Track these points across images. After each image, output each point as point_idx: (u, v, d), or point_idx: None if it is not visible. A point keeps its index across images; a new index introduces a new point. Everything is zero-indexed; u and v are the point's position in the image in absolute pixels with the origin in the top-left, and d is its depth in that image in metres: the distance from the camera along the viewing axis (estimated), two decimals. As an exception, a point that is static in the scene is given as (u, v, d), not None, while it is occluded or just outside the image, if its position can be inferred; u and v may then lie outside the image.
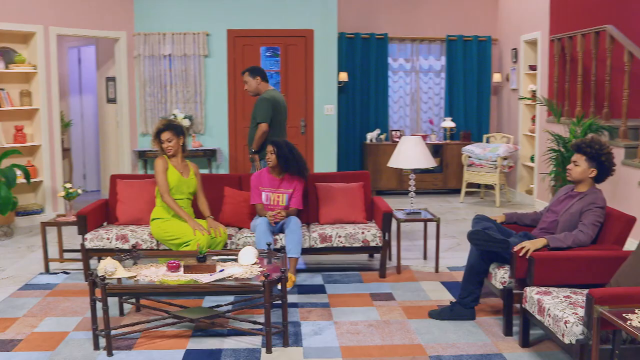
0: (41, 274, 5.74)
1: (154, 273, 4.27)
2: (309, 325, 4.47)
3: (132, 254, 4.70)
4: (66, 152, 9.91)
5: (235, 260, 4.54)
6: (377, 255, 6.02)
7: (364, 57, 9.65)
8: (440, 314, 4.57)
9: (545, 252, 4.03)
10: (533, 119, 8.75)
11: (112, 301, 4.73)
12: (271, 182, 5.65)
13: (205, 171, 8.65)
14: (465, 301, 4.51)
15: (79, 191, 6.00)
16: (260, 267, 4.39)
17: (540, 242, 4.10)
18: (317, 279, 5.55)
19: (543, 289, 3.86)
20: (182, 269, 4.30)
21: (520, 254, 4.02)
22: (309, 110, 8.94)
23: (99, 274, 4.08)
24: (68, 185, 5.93)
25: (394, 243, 6.10)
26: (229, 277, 4.18)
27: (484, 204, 8.93)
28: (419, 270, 5.77)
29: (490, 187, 9.28)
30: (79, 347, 4.11)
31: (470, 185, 9.24)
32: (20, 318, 4.66)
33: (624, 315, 2.97)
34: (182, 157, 5.55)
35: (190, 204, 5.52)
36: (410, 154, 5.85)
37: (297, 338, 4.24)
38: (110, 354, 3.98)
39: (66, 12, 8.03)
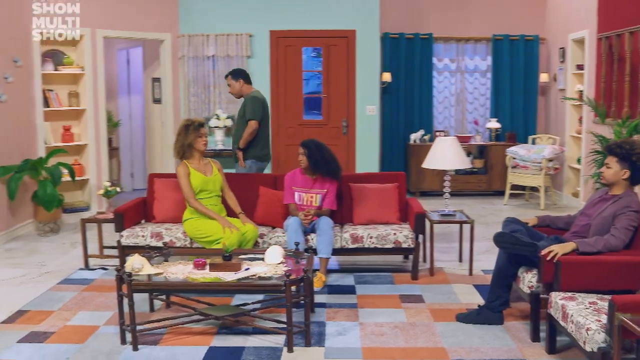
0: (80, 269, 5.90)
1: (180, 270, 4.34)
2: (334, 325, 4.47)
3: (163, 252, 4.79)
4: (115, 151, 10.18)
5: (262, 259, 4.58)
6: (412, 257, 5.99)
7: (408, 57, 9.57)
8: (468, 317, 4.50)
9: (574, 256, 3.92)
10: (580, 120, 8.52)
11: (143, 297, 4.85)
12: (304, 183, 5.66)
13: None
14: (493, 305, 4.43)
15: (118, 189, 6.15)
16: (285, 266, 4.41)
17: (569, 246, 3.99)
18: (348, 280, 5.54)
19: (569, 294, 3.75)
20: (208, 266, 4.36)
21: (548, 258, 3.93)
22: (351, 110, 8.93)
23: (127, 271, 4.18)
24: (107, 183, 6.08)
25: (428, 245, 6.03)
26: (253, 275, 4.21)
27: (529, 207, 8.74)
28: (453, 273, 5.69)
29: (535, 189, 9.08)
30: (107, 341, 4.21)
31: (515, 187, 9.06)
32: (56, 311, 4.80)
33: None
34: (201, 157, 5.59)
35: (219, 201, 5.58)
36: (445, 155, 5.78)
37: (321, 338, 4.24)
38: (135, 349, 4.06)
39: (112, 15, 8.24)
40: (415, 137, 9.47)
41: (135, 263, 4.24)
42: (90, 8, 7.98)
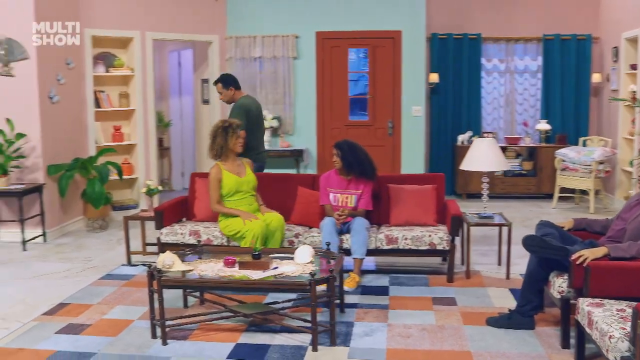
0: (123, 265, 6.07)
1: (210, 268, 4.43)
2: (361, 325, 4.47)
3: (196, 249, 4.90)
4: (166, 150, 10.44)
5: (292, 258, 4.62)
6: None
7: (457, 57, 9.46)
8: (498, 321, 4.43)
9: (604, 261, 3.82)
10: (633, 122, 8.26)
11: (177, 294, 4.98)
12: (339, 184, 5.68)
13: (292, 171, 8.83)
14: (523, 310, 4.35)
15: (160, 188, 6.30)
16: (314, 266, 4.45)
17: (600, 251, 3.89)
18: (383, 281, 5.53)
19: (596, 300, 3.66)
20: (237, 265, 4.43)
21: (577, 262, 3.84)
22: (397, 111, 8.89)
23: (158, 267, 4.29)
24: (150, 182, 6.24)
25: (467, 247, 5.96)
26: (280, 274, 4.26)
27: (578, 210, 8.52)
28: (490, 276, 5.62)
29: (585, 192, 8.85)
30: (139, 335, 4.33)
31: (565, 190, 8.85)
32: (94, 305, 4.97)
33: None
34: (235, 157, 5.62)
35: (254, 200, 5.62)
36: (483, 157, 5.71)
37: (347, 338, 4.25)
38: (164, 343, 4.16)
39: (161, 18, 8.44)
40: (462, 138, 9.36)
41: (166, 260, 4.35)
42: (139, 11, 8.21)
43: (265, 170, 6.68)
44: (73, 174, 7.21)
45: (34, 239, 6.91)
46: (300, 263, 4.50)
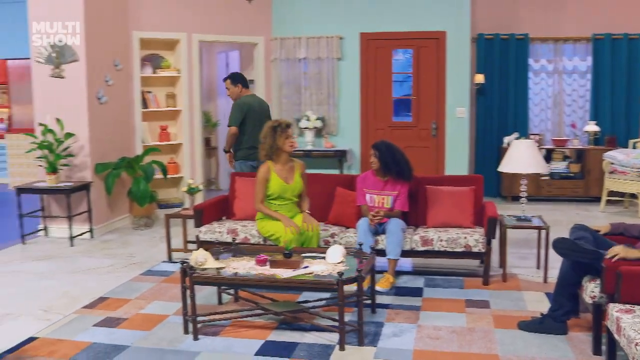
0: (164, 262, 6.22)
1: (243, 266, 4.50)
2: (391, 326, 4.48)
3: (231, 247, 4.99)
4: (213, 150, 10.62)
5: (324, 258, 4.66)
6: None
7: (503, 58, 9.33)
8: (529, 325, 4.37)
9: (637, 266, 3.73)
10: (686, 124, 8.01)
11: (212, 290, 5.08)
12: (375, 184, 5.69)
13: (335, 171, 8.87)
14: (555, 314, 4.28)
15: (201, 187, 6.43)
16: (344, 265, 4.48)
17: (634, 252, 3.80)
18: (418, 282, 5.52)
19: (627, 306, 3.58)
20: (269, 263, 4.50)
21: (608, 256, 3.77)
22: (441, 112, 8.84)
23: (191, 264, 4.39)
24: (190, 181, 6.38)
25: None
26: (310, 273, 4.31)
27: (627, 214, 8.30)
28: (527, 280, 5.54)
29: (634, 196, 8.61)
30: (171, 330, 4.44)
31: (613, 193, 8.63)
32: (132, 300, 5.11)
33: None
34: (287, 159, 5.55)
35: (294, 206, 5.59)
36: (521, 158, 5.63)
37: (375, 338, 4.27)
38: (195, 338, 4.26)
39: (207, 20, 8.60)
40: (508, 140, 9.21)
41: (199, 257, 4.45)
42: (186, 14, 8.39)
43: (308, 170, 6.73)
44: (119, 172, 7.42)
45: (81, 235, 7.15)
46: (331, 263, 4.53)
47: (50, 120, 7.03)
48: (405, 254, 5.51)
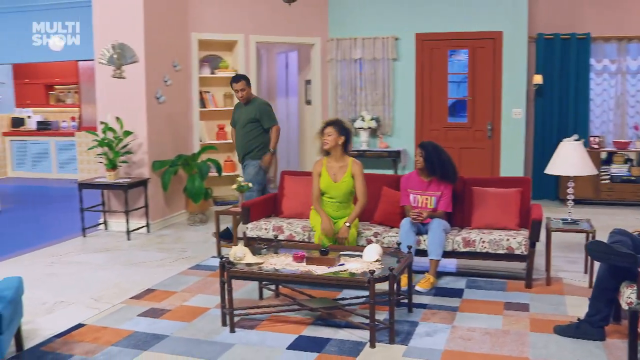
0: (212, 257, 6.41)
1: (280, 262, 4.62)
2: (425, 326, 4.50)
3: (272, 244, 5.12)
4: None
5: (361, 256, 4.72)
6: (535, 264, 5.81)
7: (564, 58, 9.12)
8: (566, 330, 4.30)
9: (674, 272, 3.64)
10: None
11: (254, 286, 5.21)
12: (419, 185, 5.70)
13: (389, 171, 8.89)
14: (592, 320, 4.21)
15: (250, 185, 6.58)
16: (380, 264, 4.52)
17: (673, 260, 3.71)
18: (460, 283, 5.50)
19: (659, 312, 3.50)
20: (305, 260, 4.59)
21: (646, 263, 3.70)
22: (497, 114, 8.73)
23: (230, 259, 4.53)
24: (240, 179, 6.55)
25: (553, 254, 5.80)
26: (344, 271, 4.38)
27: (691, 221, 8.01)
28: (572, 284, 5.44)
29: (700, 201, 8.29)
30: (211, 322, 4.60)
31: (678, 198, 8.34)
32: (178, 292, 5.31)
33: None
34: (341, 157, 5.65)
35: (341, 207, 5.64)
36: (568, 160, 5.54)
37: (408, 337, 4.29)
38: (232, 331, 4.40)
39: (265, 22, 8.78)
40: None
41: (238, 252, 4.58)
42: (244, 16, 8.59)
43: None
44: (176, 169, 7.68)
45: (138, 229, 7.43)
46: (366, 261, 4.59)
47: (111, 119, 7.34)
48: (447, 254, 5.51)
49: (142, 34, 7.35)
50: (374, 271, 4.13)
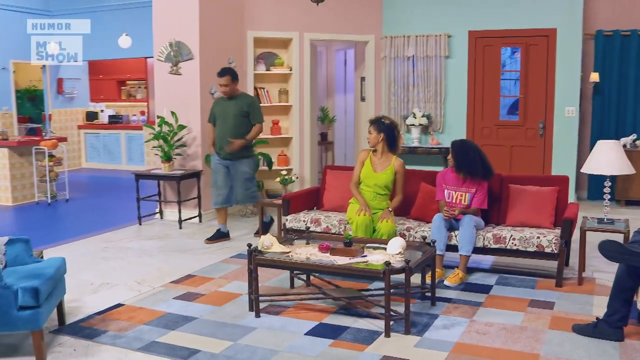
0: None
1: (306, 252, 4.81)
2: (445, 319, 4.59)
3: (303, 235, 5.32)
4: (329, 145, 11.02)
5: (385, 249, 4.86)
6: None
7: (624, 55, 8.89)
8: (583, 329, 4.31)
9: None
10: None
11: (287, 275, 5.43)
12: (454, 181, 5.77)
13: (440, 168, 8.90)
14: (610, 320, 4.19)
15: (294, 178, 6.79)
16: (401, 257, 4.64)
17: (685, 261, 3.69)
18: (490, 280, 5.55)
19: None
20: (330, 251, 4.77)
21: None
22: (549, 112, 8.62)
23: (258, 248, 4.76)
24: (284, 172, 6.76)
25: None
26: (365, 262, 4.53)
27: None
28: (604, 285, 5.38)
29: None
30: (239, 307, 4.84)
31: None
32: (215, 279, 5.59)
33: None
34: (385, 153, 5.83)
35: (376, 197, 5.78)
36: (604, 159, 5.47)
37: (425, 329, 4.40)
38: (257, 316, 4.63)
39: (319, 20, 8.97)
40: (625, 141, 8.81)
41: (265, 241, 4.81)
42: (298, 14, 8.81)
43: (413, 167, 6.85)
44: (227, 163, 7.98)
45: (190, 219, 7.79)
46: (389, 254, 4.72)
47: (167, 113, 7.71)
48: (478, 250, 5.56)
49: (197, 33, 7.69)
50: (389, 262, 4.27)
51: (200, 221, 7.87)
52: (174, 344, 4.16)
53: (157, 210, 8.11)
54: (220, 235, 6.97)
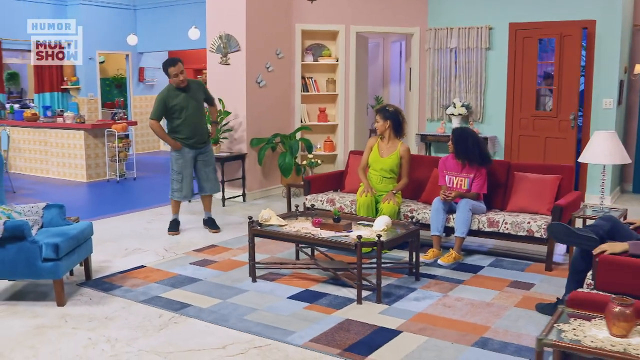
0: (279, 223, 7.27)
1: (300, 225, 5.35)
2: (420, 292, 4.99)
3: (308, 212, 5.86)
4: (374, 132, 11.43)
5: (372, 226, 5.32)
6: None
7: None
8: (544, 308, 4.59)
9: (612, 256, 3.86)
10: None
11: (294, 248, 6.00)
12: (454, 167, 6.14)
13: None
14: (565, 299, 4.48)
15: (319, 162, 7.32)
16: (385, 233, 5.08)
17: (620, 246, 3.92)
18: (484, 262, 5.86)
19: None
20: (320, 225, 5.28)
21: (594, 252, 3.96)
22: (587, 103, 8.66)
23: (258, 220, 5.35)
24: (310, 156, 7.30)
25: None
26: (345, 236, 5.01)
27: None
28: (593, 270, 5.60)
29: None
30: (242, 273, 5.45)
31: None
32: (233, 249, 6.22)
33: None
34: (392, 139, 6.34)
35: (382, 180, 6.27)
36: (600, 149, 5.66)
37: (396, 299, 4.81)
38: (254, 281, 5.23)
39: (366, 13, 9.41)
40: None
41: (265, 215, 5.38)
42: (345, 7, 9.28)
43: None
44: (273, 146, 8.61)
45: (234, 197, 8.48)
46: (374, 230, 5.17)
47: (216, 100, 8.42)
48: (473, 233, 5.90)
49: (244, 26, 8.33)
50: (361, 236, 4.74)
51: (244, 200, 8.54)
52: (172, 299, 4.82)
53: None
54: (178, 225, 6.99)
